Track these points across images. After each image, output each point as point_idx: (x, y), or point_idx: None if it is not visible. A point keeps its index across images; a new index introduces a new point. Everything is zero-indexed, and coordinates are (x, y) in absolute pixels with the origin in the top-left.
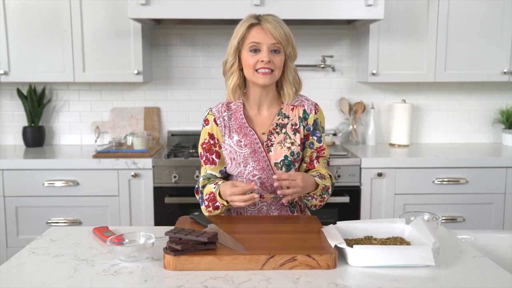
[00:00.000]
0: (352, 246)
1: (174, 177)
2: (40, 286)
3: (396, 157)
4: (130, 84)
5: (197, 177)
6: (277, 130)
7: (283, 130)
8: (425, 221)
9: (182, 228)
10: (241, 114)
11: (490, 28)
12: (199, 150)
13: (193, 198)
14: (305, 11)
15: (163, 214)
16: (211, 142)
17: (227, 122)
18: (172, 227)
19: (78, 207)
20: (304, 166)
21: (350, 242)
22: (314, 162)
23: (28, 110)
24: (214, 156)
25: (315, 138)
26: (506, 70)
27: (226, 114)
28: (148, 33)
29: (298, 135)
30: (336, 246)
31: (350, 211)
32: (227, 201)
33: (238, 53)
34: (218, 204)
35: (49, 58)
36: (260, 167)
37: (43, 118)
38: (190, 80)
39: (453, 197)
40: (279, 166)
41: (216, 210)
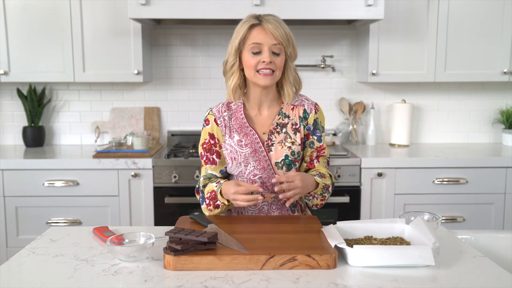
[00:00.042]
0: (352, 246)
1: (174, 177)
2: (40, 286)
3: (396, 157)
4: (130, 84)
5: (197, 177)
6: (277, 129)
7: (284, 130)
8: (425, 221)
9: (182, 228)
10: (241, 114)
11: (490, 28)
12: (200, 150)
13: (193, 198)
14: (305, 11)
15: (163, 214)
16: (212, 142)
17: (228, 122)
18: (172, 227)
19: (78, 207)
20: (304, 165)
21: (350, 242)
22: (314, 161)
23: (28, 110)
24: (214, 156)
25: (315, 138)
26: (506, 70)
27: (226, 114)
28: (148, 33)
29: (298, 135)
30: (336, 246)
31: (350, 211)
32: (228, 200)
33: (239, 53)
34: (218, 203)
35: (49, 58)
36: (260, 167)
37: (43, 118)
38: (190, 80)
39: (453, 197)
40: (280, 165)
41: (216, 209)
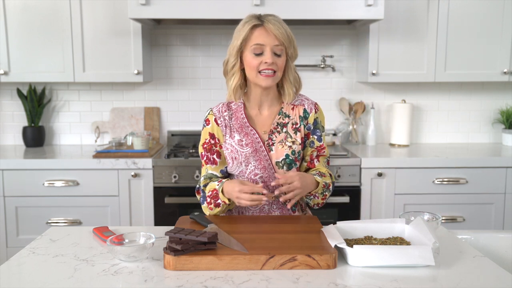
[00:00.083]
0: (352, 246)
1: (174, 177)
2: (40, 286)
3: (396, 157)
4: (130, 84)
5: (197, 177)
6: (278, 129)
7: (284, 129)
8: (425, 221)
9: (182, 228)
10: (242, 114)
11: (490, 28)
12: (200, 150)
13: (193, 198)
14: (305, 11)
15: (163, 214)
16: (212, 142)
17: (228, 121)
18: (172, 227)
19: (78, 207)
20: (304, 165)
21: (350, 242)
22: (315, 161)
23: (28, 110)
24: (215, 156)
25: (316, 137)
26: (506, 70)
27: (227, 114)
28: (148, 33)
29: (299, 134)
30: (336, 246)
31: (350, 211)
32: (229, 199)
33: (240, 53)
34: (219, 201)
35: (49, 58)
36: (261, 166)
37: (43, 118)
38: (190, 80)
39: (453, 197)
40: (281, 165)
41: (217, 207)
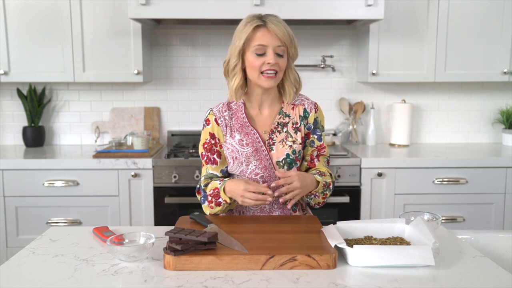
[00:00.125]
0: (352, 246)
1: (174, 177)
2: (40, 286)
3: (396, 157)
4: (130, 84)
5: (197, 177)
6: (278, 129)
7: (284, 129)
8: (425, 221)
9: (182, 228)
10: (242, 114)
11: (490, 28)
12: (200, 150)
13: (193, 198)
14: (305, 11)
15: (163, 214)
16: (212, 141)
17: (228, 121)
18: (172, 227)
19: (78, 207)
20: (305, 164)
21: (350, 242)
22: (315, 160)
23: (28, 110)
24: (215, 155)
25: (316, 137)
26: (506, 70)
27: (227, 114)
28: (148, 33)
29: (299, 134)
30: (336, 246)
31: (350, 211)
32: (230, 198)
33: (241, 54)
34: (220, 200)
35: (49, 58)
36: (262, 166)
37: (43, 118)
38: (190, 80)
39: (453, 197)
40: (281, 164)
41: (217, 206)
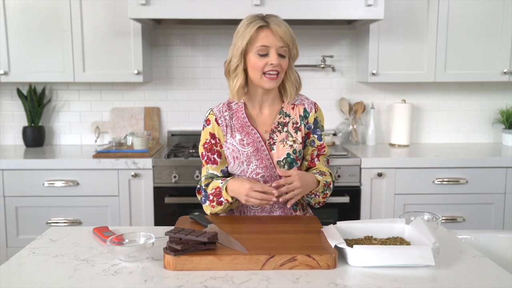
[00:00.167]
0: (352, 246)
1: (174, 177)
2: (40, 286)
3: (396, 157)
4: (130, 84)
5: (197, 177)
6: (278, 128)
7: (285, 129)
8: (425, 221)
9: (182, 228)
10: (242, 114)
11: (490, 28)
12: (200, 150)
13: (193, 198)
14: (305, 11)
15: (163, 214)
16: (213, 141)
17: (229, 121)
18: (172, 227)
19: (78, 207)
20: (305, 164)
21: (350, 242)
22: (315, 160)
23: (28, 110)
24: (215, 155)
25: (316, 136)
26: (506, 70)
27: (227, 114)
28: (148, 33)
29: (299, 133)
30: (336, 246)
31: (350, 211)
32: (232, 197)
33: (244, 54)
34: (222, 199)
35: (49, 58)
36: (263, 165)
37: (43, 118)
38: (190, 80)
39: (453, 197)
40: (282, 164)
41: (219, 205)
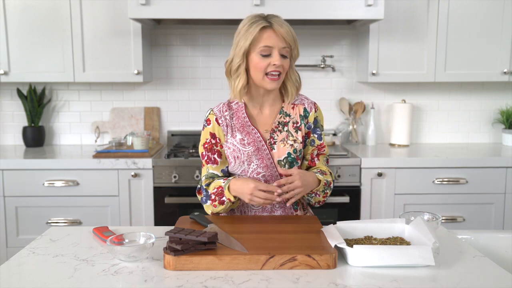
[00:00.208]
0: (352, 246)
1: (174, 177)
2: (40, 286)
3: (396, 157)
4: (130, 84)
5: (197, 177)
6: (279, 128)
7: (285, 128)
8: (425, 221)
9: (182, 228)
10: (243, 113)
11: (490, 28)
12: (200, 150)
13: (193, 198)
14: (305, 11)
15: (163, 214)
16: (213, 141)
17: (229, 121)
18: (172, 227)
19: (78, 207)
20: (305, 163)
21: (350, 242)
22: (315, 159)
23: (28, 110)
24: (216, 155)
25: (316, 136)
26: (506, 70)
27: (227, 114)
28: (148, 33)
29: (299, 133)
30: (336, 246)
31: (350, 211)
32: (234, 196)
33: (246, 54)
34: (224, 199)
35: (49, 58)
36: (264, 165)
37: (43, 118)
38: (190, 80)
39: (453, 197)
40: (282, 163)
41: (221, 205)
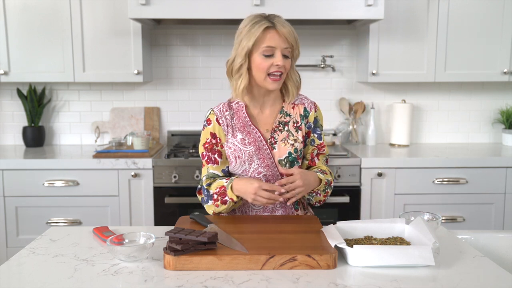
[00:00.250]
0: (352, 246)
1: (174, 177)
2: (40, 286)
3: (396, 157)
4: (130, 84)
5: (197, 177)
6: (279, 128)
7: (286, 128)
8: (425, 221)
9: (182, 228)
10: (244, 113)
11: (490, 28)
12: (201, 150)
13: (193, 198)
14: (305, 11)
15: (163, 214)
16: (213, 141)
17: (230, 121)
18: (172, 227)
19: (78, 207)
20: (306, 163)
21: (350, 242)
22: (315, 159)
23: (28, 110)
24: (216, 155)
25: (316, 136)
26: (506, 70)
27: (228, 114)
28: (148, 33)
29: (300, 132)
30: (336, 246)
31: (350, 211)
32: (237, 196)
33: (248, 54)
34: (226, 198)
35: (49, 58)
36: (265, 165)
37: (43, 118)
38: (190, 80)
39: (453, 197)
40: (283, 163)
41: (223, 205)
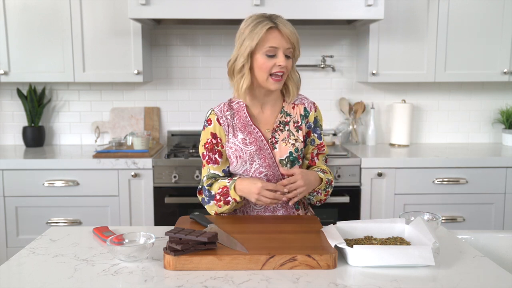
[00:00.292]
0: (352, 246)
1: (174, 177)
2: (40, 286)
3: (396, 157)
4: (130, 84)
5: (197, 177)
6: (280, 127)
7: (286, 128)
8: (425, 221)
9: (182, 228)
10: (244, 113)
11: (490, 28)
12: (201, 150)
13: (193, 198)
14: (305, 11)
15: (163, 214)
16: (214, 141)
17: (230, 121)
18: (172, 227)
19: (78, 207)
20: (306, 162)
21: (350, 242)
22: (315, 158)
23: (28, 110)
24: (217, 155)
25: (316, 135)
26: (506, 70)
27: (229, 113)
28: (148, 33)
29: (300, 132)
30: (336, 246)
31: (350, 211)
32: (240, 196)
33: (250, 54)
34: (229, 198)
35: (49, 58)
36: (266, 164)
37: (43, 118)
38: (190, 80)
39: (453, 197)
40: (284, 162)
41: (226, 205)
